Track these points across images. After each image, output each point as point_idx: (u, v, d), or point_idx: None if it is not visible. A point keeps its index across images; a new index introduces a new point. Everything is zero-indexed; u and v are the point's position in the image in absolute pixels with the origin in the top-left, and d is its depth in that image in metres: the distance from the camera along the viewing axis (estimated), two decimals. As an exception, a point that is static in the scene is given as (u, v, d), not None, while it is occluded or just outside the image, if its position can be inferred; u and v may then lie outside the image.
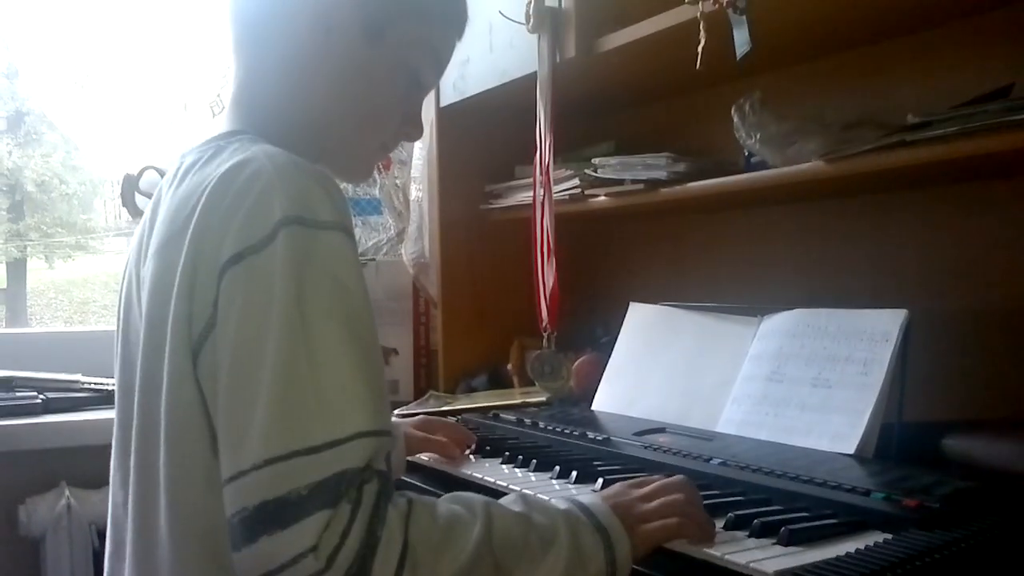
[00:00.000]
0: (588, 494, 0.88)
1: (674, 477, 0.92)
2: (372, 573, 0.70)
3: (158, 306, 0.83)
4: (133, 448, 0.87)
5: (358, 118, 0.98)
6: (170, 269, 0.82)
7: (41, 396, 1.90)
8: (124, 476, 0.89)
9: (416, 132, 1.05)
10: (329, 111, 0.97)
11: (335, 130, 0.98)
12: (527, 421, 1.44)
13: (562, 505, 0.84)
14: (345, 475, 0.71)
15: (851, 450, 1.10)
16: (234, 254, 0.77)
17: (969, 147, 1.05)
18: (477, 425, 1.44)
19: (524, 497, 0.84)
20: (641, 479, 0.93)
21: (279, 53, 0.95)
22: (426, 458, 1.29)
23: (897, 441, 1.10)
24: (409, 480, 1.26)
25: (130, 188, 1.76)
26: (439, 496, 0.82)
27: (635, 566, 0.85)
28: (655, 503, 0.87)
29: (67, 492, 1.82)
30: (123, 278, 0.98)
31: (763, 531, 0.86)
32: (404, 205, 2.08)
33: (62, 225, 2.80)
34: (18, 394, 1.89)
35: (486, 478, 1.17)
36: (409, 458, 1.29)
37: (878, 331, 1.16)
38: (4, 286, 2.74)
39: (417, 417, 1.35)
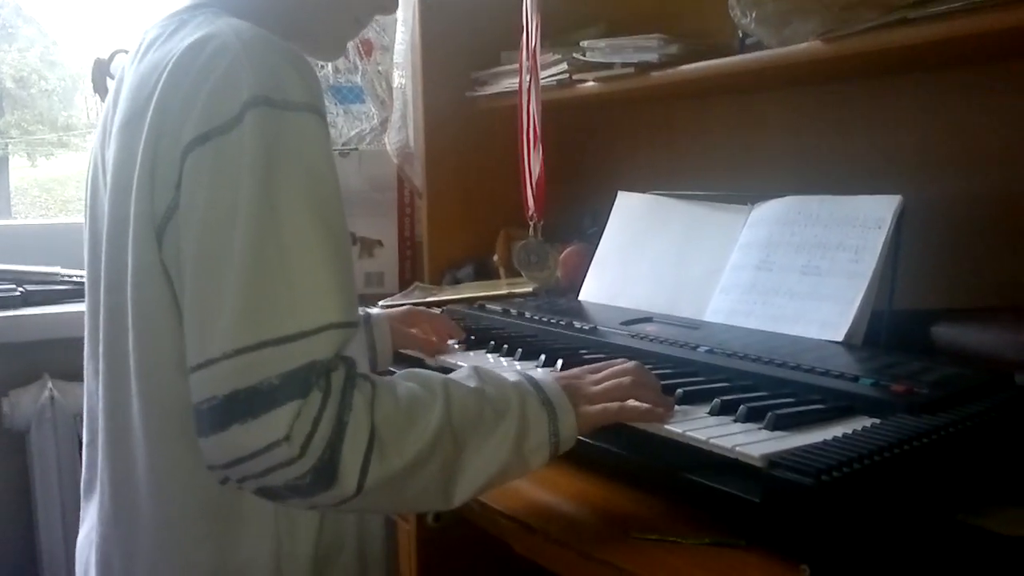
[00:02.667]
0: (540, 371, 0.88)
1: (627, 362, 0.92)
2: (342, 458, 0.70)
3: (121, 189, 0.80)
4: (101, 335, 0.85)
5: None
6: (132, 150, 0.78)
7: (20, 288, 1.88)
8: (96, 366, 0.88)
9: (391, 4, 1.00)
10: None
11: (305, 4, 0.93)
12: (513, 311, 1.42)
13: (513, 378, 0.84)
14: (315, 366, 0.71)
15: (840, 338, 1.09)
16: (199, 135, 0.73)
17: (974, 24, 1.00)
18: (463, 316, 1.42)
19: (477, 370, 0.84)
20: (598, 364, 0.93)
21: None
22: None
23: (886, 329, 1.09)
24: (394, 370, 1.25)
25: (101, 74, 1.68)
26: None
27: (615, 448, 0.86)
28: (602, 386, 0.87)
29: (50, 384, 1.81)
30: (89, 165, 0.94)
31: (749, 416, 0.85)
32: (387, 93, 2.02)
33: (43, 122, 2.73)
34: (-5, 286, 1.87)
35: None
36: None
37: (871, 218, 1.14)
38: (-14, 184, 2.70)
39: (402, 308, 1.33)
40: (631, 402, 0.86)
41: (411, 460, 0.73)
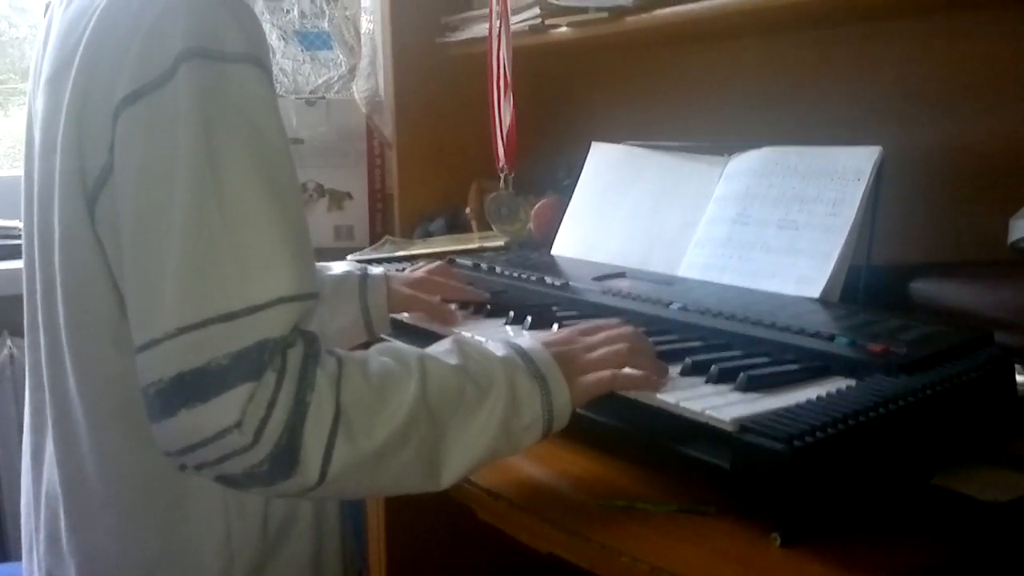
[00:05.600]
0: (530, 339, 0.83)
1: (623, 328, 0.87)
2: (303, 442, 0.65)
3: (48, 148, 0.75)
4: (39, 300, 0.80)
5: None
6: (58, 106, 0.73)
7: (-24, 243, 1.82)
8: (32, 322, 0.83)
9: None
10: None
11: None
12: (484, 266, 1.38)
13: (500, 350, 0.79)
14: (267, 344, 0.66)
15: (816, 294, 1.05)
16: (130, 92, 0.68)
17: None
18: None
19: (460, 343, 0.78)
20: (590, 325, 0.88)
21: None
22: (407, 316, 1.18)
23: (864, 285, 1.06)
24: (387, 339, 1.18)
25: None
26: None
27: (588, 412, 0.82)
28: (597, 353, 0.82)
29: (8, 341, 1.77)
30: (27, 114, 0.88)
31: (721, 377, 0.82)
32: (355, 39, 1.96)
33: (14, 71, 2.65)
34: (-49, 241, 1.81)
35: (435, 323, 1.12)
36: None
37: (850, 169, 1.10)
38: (-41, 135, 2.65)
39: (416, 274, 1.23)
40: (627, 370, 0.81)
41: (383, 442, 0.68)
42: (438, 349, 0.78)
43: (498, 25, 1.49)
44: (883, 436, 0.72)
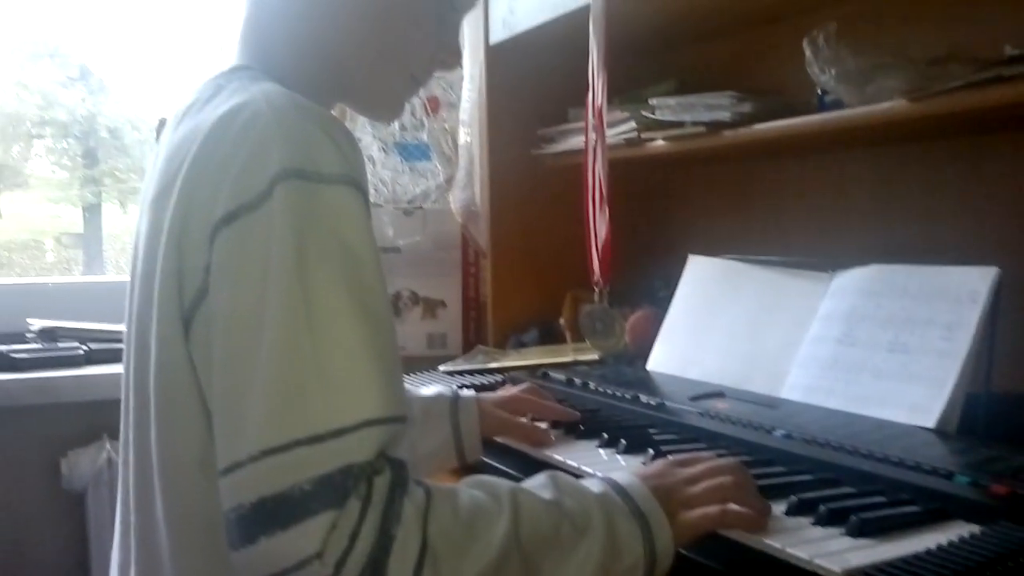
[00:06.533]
0: (627, 473, 0.79)
1: (724, 460, 0.83)
2: None
3: (149, 270, 0.75)
4: (132, 419, 0.80)
5: (382, 46, 0.86)
6: (160, 227, 0.74)
7: (83, 347, 1.87)
8: (124, 438, 0.83)
9: (454, 60, 0.93)
10: (348, 40, 0.85)
11: (356, 62, 0.87)
12: (577, 381, 1.35)
13: (597, 487, 0.75)
14: (352, 470, 0.63)
15: (931, 424, 0.99)
16: (227, 213, 0.68)
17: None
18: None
19: (555, 478, 0.75)
20: (687, 457, 0.84)
21: None
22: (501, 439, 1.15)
23: (984, 415, 0.99)
24: (488, 461, 1.14)
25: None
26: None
27: (684, 552, 0.77)
28: (700, 487, 0.78)
29: (108, 445, 1.80)
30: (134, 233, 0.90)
31: (830, 519, 0.77)
32: (453, 150, 1.99)
33: (135, 171, 2.81)
34: (60, 345, 1.87)
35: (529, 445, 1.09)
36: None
37: (964, 291, 1.04)
38: (81, 231, 2.80)
39: (509, 392, 1.20)
40: (731, 506, 0.76)
41: None
42: (532, 483, 0.75)
43: (594, 138, 1.49)
44: (1013, 594, 0.66)
